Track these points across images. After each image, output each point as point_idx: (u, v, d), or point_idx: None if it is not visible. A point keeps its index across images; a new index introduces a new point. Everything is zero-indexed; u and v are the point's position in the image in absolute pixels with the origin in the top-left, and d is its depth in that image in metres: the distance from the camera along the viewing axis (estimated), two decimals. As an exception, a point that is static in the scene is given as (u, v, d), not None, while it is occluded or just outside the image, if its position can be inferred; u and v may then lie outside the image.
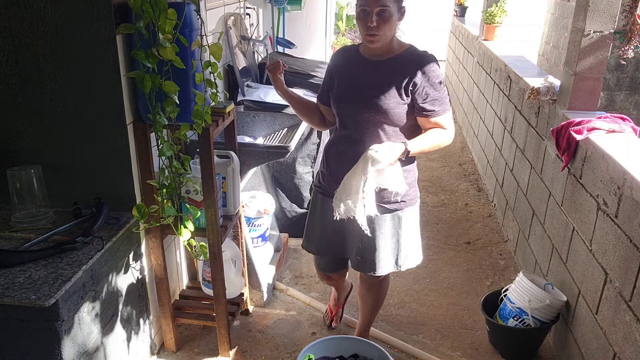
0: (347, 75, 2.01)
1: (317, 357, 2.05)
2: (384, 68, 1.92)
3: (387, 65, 1.92)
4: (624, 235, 1.86)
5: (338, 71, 2.04)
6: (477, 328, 2.67)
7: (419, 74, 1.87)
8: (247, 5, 3.65)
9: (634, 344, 1.75)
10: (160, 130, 1.87)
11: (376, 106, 1.90)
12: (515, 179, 3.43)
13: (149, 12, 1.67)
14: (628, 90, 5.77)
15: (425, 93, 1.89)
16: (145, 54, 1.73)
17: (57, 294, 1.55)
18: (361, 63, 1.97)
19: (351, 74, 2.00)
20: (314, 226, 2.24)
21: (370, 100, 1.91)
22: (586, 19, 2.42)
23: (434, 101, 1.90)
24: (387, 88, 1.90)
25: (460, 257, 3.33)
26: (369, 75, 1.94)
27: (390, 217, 2.05)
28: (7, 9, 1.80)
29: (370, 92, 1.92)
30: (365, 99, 1.93)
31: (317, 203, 2.19)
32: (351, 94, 1.97)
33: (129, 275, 2.08)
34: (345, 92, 1.99)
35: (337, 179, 1.96)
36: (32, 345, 1.62)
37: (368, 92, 1.92)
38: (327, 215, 2.05)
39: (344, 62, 2.04)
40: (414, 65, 1.89)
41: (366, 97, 1.92)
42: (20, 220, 1.89)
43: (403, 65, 1.90)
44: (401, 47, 1.95)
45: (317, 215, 2.19)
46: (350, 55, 2.03)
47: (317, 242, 2.25)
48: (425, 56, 1.92)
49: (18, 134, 1.98)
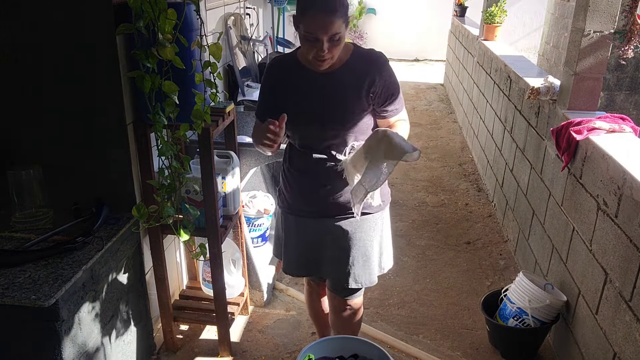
0: (298, 92, 1.80)
1: (317, 357, 2.05)
2: (337, 79, 1.76)
3: (340, 76, 1.76)
4: (624, 235, 1.86)
5: (283, 88, 1.81)
6: (477, 328, 2.67)
7: (375, 77, 1.75)
8: (247, 5, 3.65)
9: (634, 344, 1.75)
10: (160, 130, 1.87)
11: (342, 121, 1.78)
12: (515, 179, 3.43)
13: (148, 12, 1.67)
14: (628, 90, 5.77)
15: (384, 95, 1.78)
16: (145, 54, 1.73)
17: (57, 294, 1.55)
18: (309, 77, 1.78)
19: (302, 90, 1.80)
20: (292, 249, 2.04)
21: (335, 116, 1.77)
22: (586, 19, 2.42)
23: (393, 101, 1.82)
24: (349, 100, 1.77)
25: (460, 257, 3.33)
26: (323, 89, 1.77)
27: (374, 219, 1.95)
28: (8, 9, 1.81)
29: (332, 108, 1.77)
30: (328, 117, 1.78)
31: (290, 225, 2.00)
32: (311, 112, 1.79)
33: (129, 275, 2.08)
34: (304, 112, 1.79)
35: (307, 200, 1.88)
36: (32, 345, 1.62)
37: (330, 108, 1.78)
38: (305, 235, 1.96)
39: (287, 77, 1.81)
40: (367, 68, 1.76)
41: (329, 114, 1.78)
42: (20, 220, 1.89)
43: (356, 71, 1.76)
44: (346, 51, 1.78)
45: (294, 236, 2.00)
46: (291, 69, 1.81)
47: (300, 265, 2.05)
48: (375, 56, 1.79)
49: (18, 134, 1.98)
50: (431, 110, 6.70)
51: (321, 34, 1.59)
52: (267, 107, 1.84)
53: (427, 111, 6.67)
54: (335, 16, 1.59)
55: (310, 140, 1.83)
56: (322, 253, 1.97)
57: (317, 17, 1.59)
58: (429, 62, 10.22)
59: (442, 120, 6.29)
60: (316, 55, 1.64)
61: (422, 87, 7.97)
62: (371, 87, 1.75)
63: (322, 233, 1.93)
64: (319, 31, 1.59)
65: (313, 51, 1.64)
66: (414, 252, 3.37)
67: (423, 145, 5.37)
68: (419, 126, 6.02)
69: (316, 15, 1.59)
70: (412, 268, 3.18)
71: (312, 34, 1.60)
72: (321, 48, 1.61)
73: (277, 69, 1.84)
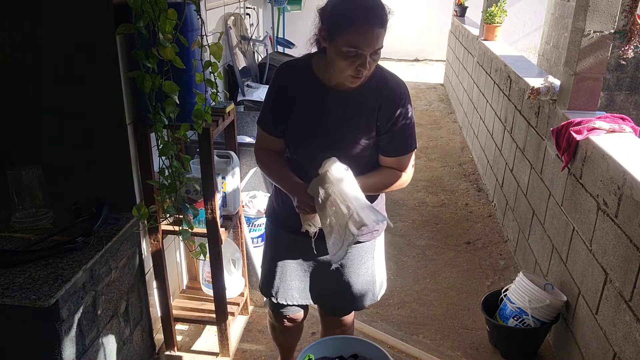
0: (309, 106, 1.63)
1: (317, 357, 2.04)
2: (355, 99, 1.60)
3: (359, 96, 1.59)
4: (624, 235, 1.86)
5: (294, 98, 1.64)
6: (477, 328, 2.67)
7: (391, 108, 1.60)
8: (247, 5, 3.65)
9: (634, 343, 1.75)
10: (160, 130, 1.87)
11: (351, 145, 1.63)
12: (515, 179, 3.43)
13: (149, 12, 1.67)
14: (628, 90, 5.77)
15: (393, 131, 1.62)
16: (145, 54, 1.73)
17: (57, 294, 1.54)
18: (323, 92, 1.61)
19: (315, 105, 1.62)
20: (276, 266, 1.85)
21: (345, 138, 1.63)
22: (586, 19, 2.42)
23: (401, 140, 1.65)
24: (362, 123, 1.61)
25: (460, 257, 3.33)
26: (339, 108, 1.61)
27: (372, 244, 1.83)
28: (8, 10, 1.80)
29: (344, 129, 1.62)
30: (338, 138, 1.63)
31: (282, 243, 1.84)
32: (320, 130, 1.63)
33: (129, 275, 2.08)
34: (312, 128, 1.64)
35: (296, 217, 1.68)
36: (32, 345, 1.62)
37: (341, 129, 1.62)
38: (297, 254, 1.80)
39: (300, 87, 1.63)
40: (385, 97, 1.60)
41: (339, 135, 1.62)
42: (20, 220, 1.89)
43: (373, 96, 1.60)
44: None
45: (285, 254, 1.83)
46: (305, 79, 1.62)
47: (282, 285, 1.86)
48: (396, 85, 1.63)
49: (18, 134, 1.98)
50: (431, 110, 6.70)
51: (367, 49, 1.43)
52: (275, 117, 1.68)
53: (427, 111, 6.67)
54: (382, 27, 1.44)
55: (311, 156, 1.64)
56: (316, 277, 1.83)
57: (366, 31, 1.41)
58: (429, 62, 10.22)
59: (442, 120, 6.29)
60: (354, 73, 1.47)
61: (422, 87, 7.97)
62: (383, 118, 1.61)
63: (317, 254, 1.75)
64: (366, 46, 1.42)
65: (351, 68, 1.46)
66: (414, 252, 3.37)
67: (423, 145, 5.37)
68: (419, 126, 6.02)
69: (366, 29, 1.41)
70: (412, 268, 3.18)
71: (356, 49, 1.42)
72: (364, 64, 1.44)
73: (289, 77, 1.66)
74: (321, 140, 1.64)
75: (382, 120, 1.60)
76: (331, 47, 1.48)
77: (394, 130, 1.62)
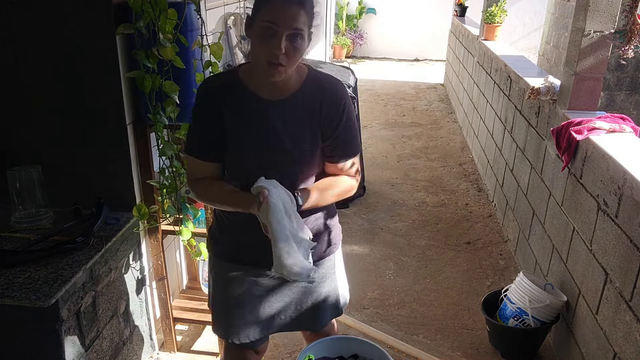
0: (241, 120, 1.46)
1: (317, 357, 2.04)
2: (288, 110, 1.46)
3: (292, 106, 1.46)
4: (624, 235, 1.86)
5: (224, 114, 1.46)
6: (477, 328, 2.67)
7: (333, 111, 1.48)
8: (247, 5, 3.64)
9: (634, 344, 1.75)
10: (160, 130, 1.87)
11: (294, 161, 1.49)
12: (515, 179, 3.43)
13: (149, 12, 1.68)
14: (628, 90, 5.77)
15: (338, 134, 1.50)
16: (145, 54, 1.73)
17: (57, 294, 1.55)
18: (255, 105, 1.45)
19: (247, 119, 1.46)
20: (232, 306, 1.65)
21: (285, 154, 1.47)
22: (586, 19, 2.42)
23: (346, 143, 1.53)
24: (303, 136, 1.47)
25: (460, 257, 3.33)
26: (271, 121, 1.45)
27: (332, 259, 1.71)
28: (8, 10, 1.80)
29: (283, 144, 1.46)
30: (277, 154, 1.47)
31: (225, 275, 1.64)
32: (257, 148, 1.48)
33: (129, 275, 2.08)
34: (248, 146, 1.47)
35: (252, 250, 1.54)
36: (32, 345, 1.62)
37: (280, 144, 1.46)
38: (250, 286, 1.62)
39: (228, 100, 1.46)
40: (325, 99, 1.48)
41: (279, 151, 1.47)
42: (20, 220, 1.89)
43: (311, 100, 1.47)
44: (300, 74, 1.48)
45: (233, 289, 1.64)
46: (233, 90, 1.47)
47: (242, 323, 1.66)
48: (335, 86, 1.52)
49: (18, 134, 1.98)
50: (431, 110, 6.70)
51: (282, 25, 1.31)
52: (207, 140, 1.49)
53: (427, 111, 6.67)
54: (302, 8, 1.34)
55: (252, 179, 1.46)
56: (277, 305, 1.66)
57: (283, 5, 1.32)
58: (429, 62, 10.22)
59: (442, 120, 6.29)
60: (271, 56, 1.32)
61: (422, 87, 7.97)
62: (327, 123, 1.48)
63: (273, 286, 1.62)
64: (280, 22, 1.31)
65: (267, 51, 1.32)
66: (414, 252, 3.37)
67: (423, 145, 5.37)
68: (419, 126, 6.02)
69: (282, 4, 1.33)
70: (412, 268, 3.18)
71: (271, 24, 1.31)
72: (279, 45, 1.31)
73: (215, 91, 1.49)
74: (261, 157, 1.48)
75: (324, 124, 1.48)
76: (251, 34, 1.37)
77: (337, 133, 1.50)
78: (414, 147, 5.32)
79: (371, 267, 3.18)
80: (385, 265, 3.20)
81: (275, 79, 1.37)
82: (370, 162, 4.79)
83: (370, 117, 6.31)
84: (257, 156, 1.48)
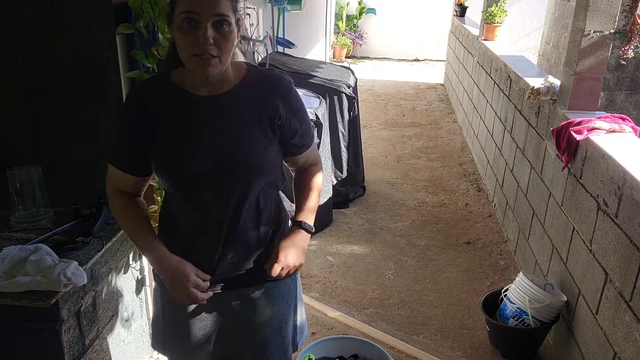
0: (178, 125, 1.31)
1: (317, 357, 2.05)
2: (229, 104, 1.32)
3: (233, 100, 1.32)
4: (624, 235, 1.86)
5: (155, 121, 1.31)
6: (477, 328, 2.67)
7: (279, 103, 1.34)
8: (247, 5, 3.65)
9: (634, 344, 1.75)
10: (160, 130, 1.86)
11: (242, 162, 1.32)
12: (515, 179, 3.43)
13: (148, 12, 1.68)
14: (628, 90, 5.77)
15: (292, 126, 1.37)
16: (144, 54, 1.74)
17: (57, 294, 1.54)
18: (192, 103, 1.30)
19: (184, 122, 1.31)
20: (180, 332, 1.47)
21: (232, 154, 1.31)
22: (586, 19, 2.42)
23: (302, 133, 1.41)
24: (248, 132, 1.32)
25: (460, 257, 3.33)
26: (212, 117, 1.31)
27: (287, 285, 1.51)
28: (8, 9, 1.81)
29: (228, 143, 1.31)
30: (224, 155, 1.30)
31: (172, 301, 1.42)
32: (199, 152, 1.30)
33: (129, 275, 2.08)
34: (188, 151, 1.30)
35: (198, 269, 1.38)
36: (32, 346, 1.62)
37: (224, 143, 1.30)
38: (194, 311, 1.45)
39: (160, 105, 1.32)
40: (268, 92, 1.34)
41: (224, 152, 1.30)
42: (20, 221, 1.89)
43: (254, 95, 1.33)
44: (238, 69, 1.35)
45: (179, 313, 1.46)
46: (164, 94, 1.32)
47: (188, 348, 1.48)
48: (277, 77, 1.38)
49: (18, 134, 1.98)
50: (431, 110, 6.70)
51: (203, 13, 1.18)
52: (132, 150, 1.35)
53: (427, 111, 6.67)
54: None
55: (198, 190, 1.33)
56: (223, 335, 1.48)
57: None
58: (429, 62, 10.22)
59: (442, 120, 6.30)
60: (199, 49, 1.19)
61: (422, 87, 7.98)
62: (275, 116, 1.34)
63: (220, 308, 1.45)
64: (200, 8, 1.18)
65: (194, 44, 1.19)
66: (414, 252, 3.37)
67: (423, 145, 5.37)
68: (419, 126, 6.02)
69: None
70: (412, 268, 3.18)
71: (191, 14, 1.18)
72: (205, 35, 1.18)
73: (142, 97, 1.35)
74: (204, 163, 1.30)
75: (281, 120, 1.35)
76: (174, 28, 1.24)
77: (299, 122, 1.40)
78: (414, 147, 5.32)
79: (371, 267, 3.18)
80: (385, 265, 3.20)
81: (209, 72, 1.23)
82: (370, 162, 4.79)
83: (370, 117, 6.32)
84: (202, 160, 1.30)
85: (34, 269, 1.55)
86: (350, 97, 3.73)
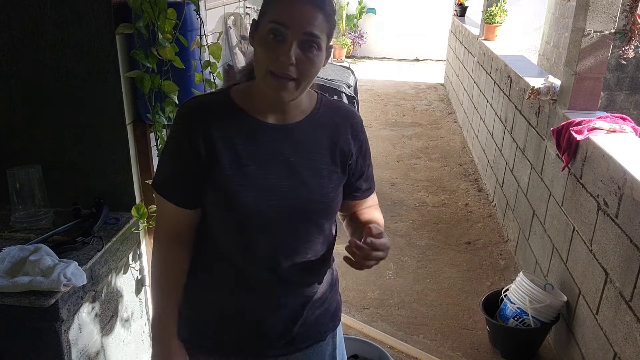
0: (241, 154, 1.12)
1: (317, 357, 2.04)
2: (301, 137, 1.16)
3: (307, 130, 1.16)
4: (625, 235, 1.86)
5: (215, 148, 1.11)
6: (478, 328, 2.67)
7: (351, 141, 1.20)
8: (247, 5, 3.64)
9: (634, 344, 1.75)
10: (160, 130, 1.87)
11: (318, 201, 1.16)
12: (515, 179, 3.43)
13: (148, 11, 1.68)
14: (628, 90, 5.77)
15: (360, 167, 1.24)
16: (144, 54, 1.73)
17: (57, 294, 1.54)
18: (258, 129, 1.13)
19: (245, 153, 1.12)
20: None
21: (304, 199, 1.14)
22: (586, 19, 2.42)
23: (368, 176, 1.29)
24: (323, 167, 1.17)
25: (460, 257, 3.33)
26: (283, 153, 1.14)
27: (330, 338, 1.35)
28: (7, 9, 1.80)
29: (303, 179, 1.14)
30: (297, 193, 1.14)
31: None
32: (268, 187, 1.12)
33: (129, 275, 2.08)
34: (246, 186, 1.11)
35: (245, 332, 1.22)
36: (32, 346, 1.62)
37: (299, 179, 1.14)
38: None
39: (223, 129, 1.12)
40: (343, 128, 1.20)
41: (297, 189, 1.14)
42: (20, 220, 1.89)
43: (328, 129, 1.18)
44: (310, 97, 1.19)
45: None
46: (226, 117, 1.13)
47: None
48: (352, 113, 1.24)
49: (18, 134, 1.98)
50: (431, 110, 6.70)
51: (293, 27, 1.03)
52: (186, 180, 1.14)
53: (427, 111, 6.67)
54: (320, 10, 1.05)
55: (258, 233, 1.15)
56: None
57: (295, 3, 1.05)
58: (429, 62, 10.21)
59: (442, 120, 6.29)
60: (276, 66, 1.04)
61: (422, 87, 7.97)
62: (347, 155, 1.20)
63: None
64: (291, 22, 1.03)
65: (272, 58, 1.04)
66: (414, 252, 3.36)
67: (423, 145, 5.37)
68: (419, 126, 6.02)
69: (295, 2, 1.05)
70: (412, 268, 3.18)
71: (279, 25, 1.03)
72: (288, 53, 1.02)
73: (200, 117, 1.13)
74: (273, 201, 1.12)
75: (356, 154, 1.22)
76: (257, 39, 1.08)
77: (366, 164, 1.27)
78: (414, 147, 5.32)
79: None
80: (385, 265, 3.19)
81: (283, 96, 1.06)
82: (370, 162, 4.78)
83: (370, 117, 6.31)
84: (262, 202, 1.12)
85: (33, 269, 1.55)
86: (350, 97, 3.73)
